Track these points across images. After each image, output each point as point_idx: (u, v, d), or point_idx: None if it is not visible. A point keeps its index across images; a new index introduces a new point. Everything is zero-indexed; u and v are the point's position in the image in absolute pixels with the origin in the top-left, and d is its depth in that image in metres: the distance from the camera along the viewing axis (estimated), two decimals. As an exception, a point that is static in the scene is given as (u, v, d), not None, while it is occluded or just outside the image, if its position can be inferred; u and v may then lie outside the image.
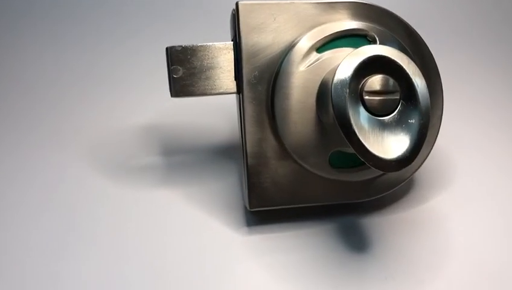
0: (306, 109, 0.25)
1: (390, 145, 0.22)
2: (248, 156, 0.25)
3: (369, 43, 0.25)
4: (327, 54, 0.25)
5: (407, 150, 0.21)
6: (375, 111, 0.22)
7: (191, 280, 0.24)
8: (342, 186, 0.26)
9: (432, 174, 0.29)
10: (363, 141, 0.21)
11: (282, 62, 0.25)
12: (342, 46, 0.25)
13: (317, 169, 0.26)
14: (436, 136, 0.27)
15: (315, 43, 0.25)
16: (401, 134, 0.22)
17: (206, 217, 0.27)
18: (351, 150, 0.22)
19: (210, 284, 0.24)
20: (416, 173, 0.29)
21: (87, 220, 0.26)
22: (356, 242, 0.26)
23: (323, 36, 0.25)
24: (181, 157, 0.30)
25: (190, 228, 0.26)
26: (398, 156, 0.21)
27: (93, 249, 0.25)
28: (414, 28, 0.26)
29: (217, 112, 0.33)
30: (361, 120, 0.22)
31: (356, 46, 0.24)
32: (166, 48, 0.26)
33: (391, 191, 0.27)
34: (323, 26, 0.25)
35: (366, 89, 0.22)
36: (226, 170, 0.29)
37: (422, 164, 0.27)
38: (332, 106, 0.22)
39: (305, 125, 0.25)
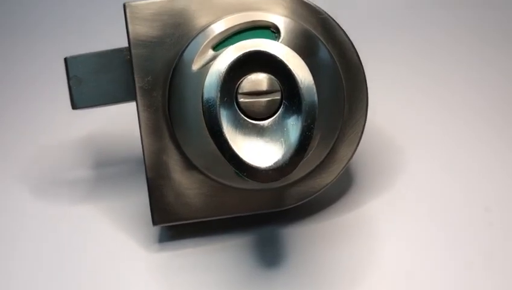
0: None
1: (268, 152, 0.19)
2: (147, 168, 0.23)
3: (274, 36, 0.23)
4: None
5: (286, 157, 0.19)
6: (252, 115, 0.20)
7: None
8: (254, 195, 0.24)
9: (364, 176, 0.26)
10: (235, 150, 0.19)
11: (176, 64, 0.23)
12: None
13: (223, 179, 0.23)
14: (361, 133, 0.24)
15: (210, 40, 0.23)
16: (282, 139, 0.19)
17: (117, 233, 0.25)
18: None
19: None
20: (349, 175, 0.26)
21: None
22: (270, 255, 0.23)
23: (218, 32, 0.23)
24: (107, 171, 0.29)
25: (98, 246, 0.25)
26: (274, 164, 0.19)
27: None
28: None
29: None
30: (235, 126, 0.19)
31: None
32: (65, 59, 0.25)
33: (309, 198, 0.24)
34: (221, 21, 0.23)
35: (241, 90, 0.19)
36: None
37: (344, 168, 0.24)
38: (203, 112, 0.19)
39: (204, 132, 0.22)
